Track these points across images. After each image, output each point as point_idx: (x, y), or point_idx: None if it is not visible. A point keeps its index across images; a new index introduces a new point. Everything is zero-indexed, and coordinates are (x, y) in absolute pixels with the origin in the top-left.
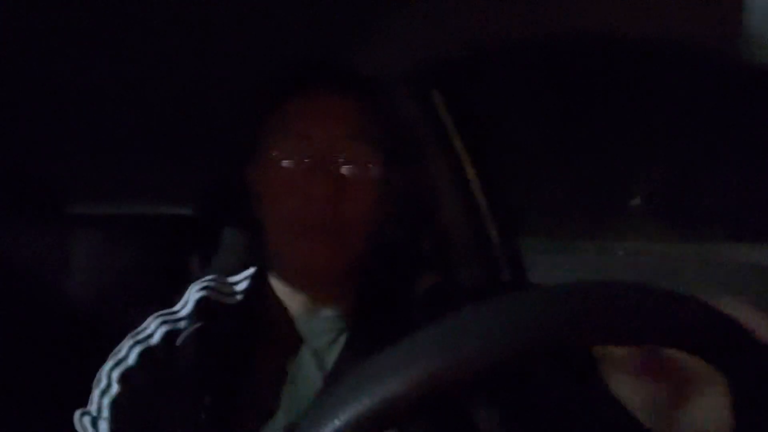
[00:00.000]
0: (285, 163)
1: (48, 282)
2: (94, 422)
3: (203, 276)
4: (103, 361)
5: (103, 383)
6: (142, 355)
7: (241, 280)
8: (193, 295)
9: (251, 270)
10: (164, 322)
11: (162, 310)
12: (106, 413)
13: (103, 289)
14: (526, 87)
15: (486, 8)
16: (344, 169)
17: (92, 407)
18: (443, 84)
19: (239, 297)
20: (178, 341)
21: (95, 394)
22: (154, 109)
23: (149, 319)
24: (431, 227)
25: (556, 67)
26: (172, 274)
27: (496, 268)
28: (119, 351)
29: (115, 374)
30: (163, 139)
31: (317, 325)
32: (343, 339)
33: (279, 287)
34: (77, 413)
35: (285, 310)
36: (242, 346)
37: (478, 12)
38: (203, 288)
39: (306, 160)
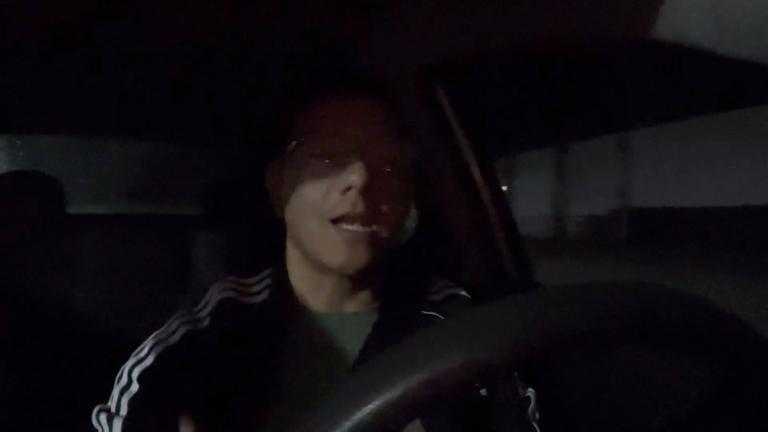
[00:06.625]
0: (319, 160)
1: (54, 282)
2: (110, 419)
3: (214, 276)
4: (115, 359)
5: (124, 381)
6: (161, 355)
7: (259, 280)
8: (214, 296)
9: (268, 270)
10: (184, 323)
11: (180, 310)
12: (124, 410)
13: (108, 289)
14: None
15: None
16: (377, 164)
17: (111, 404)
18: (448, 82)
19: (262, 296)
20: (201, 340)
21: (116, 391)
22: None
23: (171, 319)
24: (437, 225)
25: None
26: (180, 275)
27: (502, 264)
28: (141, 350)
29: (135, 373)
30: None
31: (340, 320)
32: (366, 334)
33: (300, 285)
34: (96, 409)
35: (306, 307)
36: (266, 343)
37: (482, 13)
38: (225, 289)
39: (341, 157)
